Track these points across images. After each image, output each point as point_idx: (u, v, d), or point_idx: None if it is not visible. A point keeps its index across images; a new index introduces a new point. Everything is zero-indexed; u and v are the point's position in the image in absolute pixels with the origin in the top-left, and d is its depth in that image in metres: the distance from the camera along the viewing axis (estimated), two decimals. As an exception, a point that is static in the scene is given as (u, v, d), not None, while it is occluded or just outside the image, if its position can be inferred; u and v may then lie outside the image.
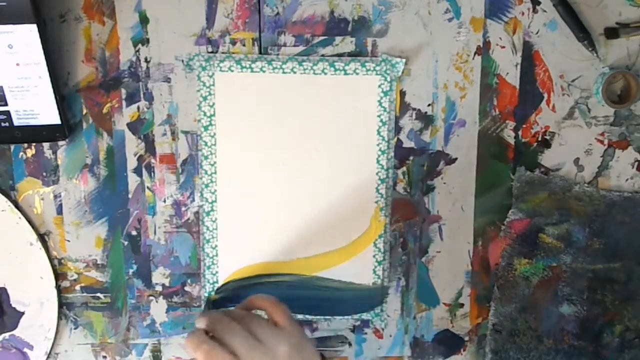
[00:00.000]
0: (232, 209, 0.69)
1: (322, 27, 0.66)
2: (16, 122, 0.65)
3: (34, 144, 0.68)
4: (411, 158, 0.69)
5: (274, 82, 0.67)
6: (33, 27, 0.61)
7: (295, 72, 0.67)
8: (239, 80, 0.67)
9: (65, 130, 0.66)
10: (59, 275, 0.70)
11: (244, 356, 0.52)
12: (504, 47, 0.67)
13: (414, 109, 0.68)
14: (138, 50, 0.67)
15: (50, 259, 0.70)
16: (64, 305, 0.71)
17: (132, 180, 0.69)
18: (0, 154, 0.68)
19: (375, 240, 0.70)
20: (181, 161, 0.69)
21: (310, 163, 0.68)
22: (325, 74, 0.67)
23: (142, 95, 0.67)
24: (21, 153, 0.68)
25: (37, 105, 0.64)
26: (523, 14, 0.67)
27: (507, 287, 0.70)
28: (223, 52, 0.67)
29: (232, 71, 0.67)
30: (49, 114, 0.65)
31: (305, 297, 0.70)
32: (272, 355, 0.52)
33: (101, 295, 0.71)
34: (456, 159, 0.69)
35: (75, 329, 0.72)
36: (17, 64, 0.62)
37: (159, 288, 0.71)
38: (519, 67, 0.68)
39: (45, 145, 0.68)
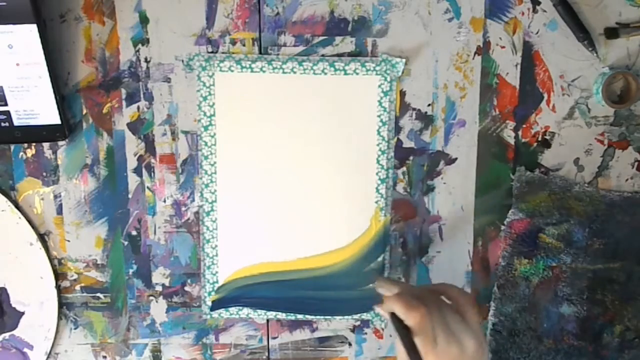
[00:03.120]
0: (232, 209, 0.69)
1: (322, 27, 0.66)
2: (16, 122, 0.65)
3: (34, 144, 0.68)
4: (411, 158, 0.69)
5: (274, 82, 0.67)
6: (33, 27, 0.61)
7: (295, 72, 0.67)
8: (239, 80, 0.67)
9: (65, 130, 0.66)
10: (59, 275, 0.70)
11: (441, 343, 0.51)
12: (504, 47, 0.67)
13: (414, 109, 0.68)
14: (138, 50, 0.67)
15: (50, 259, 0.70)
16: (64, 305, 0.71)
17: (132, 180, 0.69)
18: (0, 154, 0.68)
19: (375, 241, 0.70)
20: (181, 161, 0.69)
21: (310, 163, 0.68)
22: (325, 74, 0.67)
23: (142, 95, 0.67)
24: (21, 153, 0.68)
25: (37, 105, 0.64)
26: (523, 14, 0.67)
27: (507, 287, 0.70)
28: (223, 52, 0.67)
29: (232, 71, 0.67)
30: (49, 114, 0.65)
31: (305, 297, 0.71)
32: (462, 350, 0.52)
33: (101, 295, 0.71)
34: (456, 159, 0.69)
35: (75, 329, 0.72)
36: (17, 64, 0.63)
37: (159, 288, 0.71)
38: (519, 67, 0.68)
39: (45, 145, 0.68)
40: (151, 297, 0.71)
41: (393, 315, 0.54)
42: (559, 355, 0.71)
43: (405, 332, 0.52)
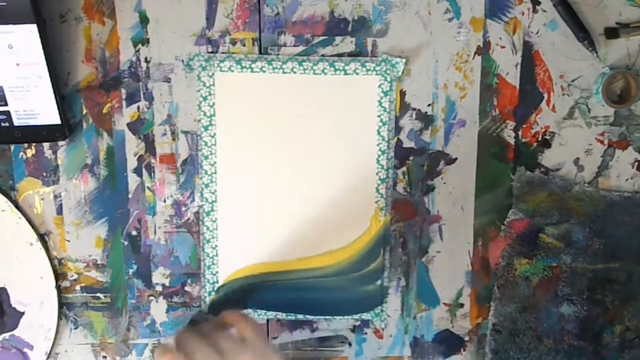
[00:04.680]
0: (232, 209, 0.69)
1: (322, 27, 0.66)
2: (16, 122, 0.65)
3: (34, 144, 0.68)
4: (411, 158, 0.69)
5: (274, 82, 0.67)
6: (33, 27, 0.61)
7: (295, 72, 0.67)
8: (239, 80, 0.67)
9: (65, 130, 0.66)
10: (59, 275, 0.70)
11: None
12: (504, 47, 0.67)
13: (414, 109, 0.68)
14: (138, 50, 0.67)
15: (50, 259, 0.70)
16: (64, 305, 0.71)
17: (132, 180, 0.69)
18: (0, 154, 0.68)
19: (375, 241, 0.70)
20: (181, 161, 0.69)
21: (310, 163, 0.68)
22: (325, 74, 0.67)
23: (142, 95, 0.67)
24: (21, 153, 0.68)
25: (37, 105, 0.64)
26: (523, 14, 0.67)
27: (507, 287, 0.70)
28: (223, 52, 0.67)
29: (232, 71, 0.67)
30: (49, 114, 0.65)
31: (305, 297, 0.70)
32: None
33: (101, 295, 0.71)
34: (456, 159, 0.69)
35: (75, 329, 0.72)
36: (17, 64, 0.63)
37: (159, 288, 0.71)
38: (519, 67, 0.68)
39: (45, 145, 0.68)
40: (151, 297, 0.71)
41: None
42: (559, 355, 0.71)
43: None
